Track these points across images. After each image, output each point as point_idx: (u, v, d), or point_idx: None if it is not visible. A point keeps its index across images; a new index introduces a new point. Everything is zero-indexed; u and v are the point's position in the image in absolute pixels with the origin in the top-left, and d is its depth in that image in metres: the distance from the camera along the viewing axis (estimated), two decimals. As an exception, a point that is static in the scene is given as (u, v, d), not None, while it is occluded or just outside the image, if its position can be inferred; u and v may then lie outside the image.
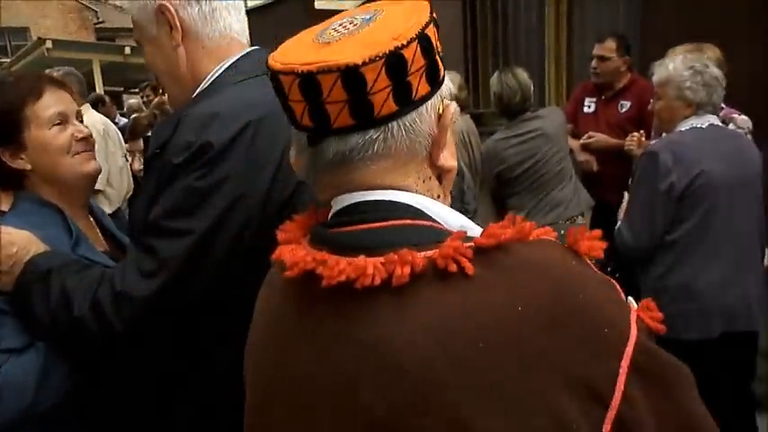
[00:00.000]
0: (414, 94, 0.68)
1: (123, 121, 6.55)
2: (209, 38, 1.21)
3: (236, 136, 1.07)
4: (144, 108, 7.33)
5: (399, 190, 0.71)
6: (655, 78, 2.38)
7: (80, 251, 1.27)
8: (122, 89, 14.24)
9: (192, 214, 1.06)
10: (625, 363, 0.59)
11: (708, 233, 2.22)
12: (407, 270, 0.62)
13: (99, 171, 1.39)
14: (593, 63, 3.65)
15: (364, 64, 0.64)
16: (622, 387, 0.59)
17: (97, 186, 2.22)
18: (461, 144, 3.68)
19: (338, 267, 0.65)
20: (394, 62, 0.65)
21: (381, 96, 0.66)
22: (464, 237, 0.64)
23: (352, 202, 0.72)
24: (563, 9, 5.07)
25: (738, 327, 2.29)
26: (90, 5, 22.81)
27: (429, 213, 0.71)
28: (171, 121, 1.14)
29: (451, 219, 0.72)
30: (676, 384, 0.62)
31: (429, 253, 0.63)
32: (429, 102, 0.70)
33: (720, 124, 2.33)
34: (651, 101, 2.77)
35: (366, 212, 0.70)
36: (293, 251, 0.71)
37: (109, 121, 4.61)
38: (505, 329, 0.59)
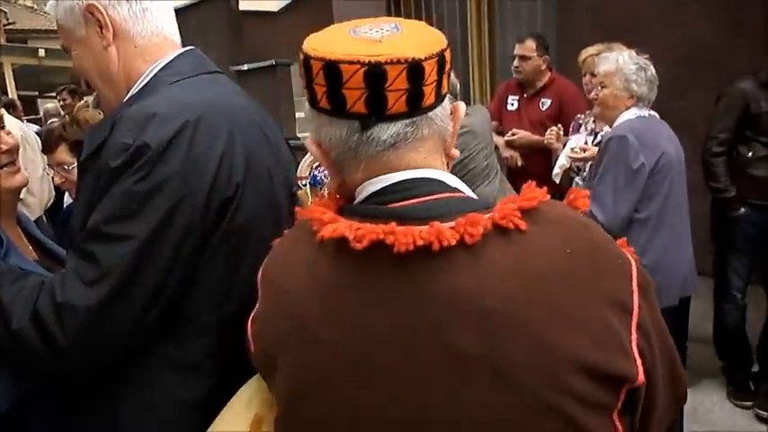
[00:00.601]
0: (443, 89, 0.83)
1: (35, 127, 6.27)
2: (141, 36, 1.19)
3: (174, 136, 1.04)
4: (61, 112, 7.06)
5: (435, 170, 0.85)
6: (601, 68, 2.55)
7: (11, 261, 1.22)
8: (37, 93, 13.62)
9: (132, 219, 1.02)
10: (634, 282, 0.78)
11: (669, 208, 2.44)
12: (480, 230, 0.75)
13: (25, 183, 1.33)
14: (516, 62, 3.78)
15: (426, 59, 0.78)
16: (637, 299, 0.78)
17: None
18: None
19: (412, 234, 0.75)
20: (441, 60, 0.80)
21: (430, 89, 0.80)
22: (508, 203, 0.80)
23: (399, 179, 0.83)
24: (484, 9, 5.20)
25: (687, 291, 2.56)
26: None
27: (461, 189, 0.85)
28: (105, 124, 1.11)
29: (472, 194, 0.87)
30: (654, 296, 0.82)
31: (487, 216, 0.77)
32: (447, 101, 0.85)
33: (653, 113, 2.57)
34: (590, 91, 2.96)
35: (414, 188, 0.82)
36: (348, 227, 0.78)
37: (25, 126, 4.40)
38: (561, 268, 0.75)
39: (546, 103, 3.74)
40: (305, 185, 1.67)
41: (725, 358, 3.28)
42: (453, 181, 0.85)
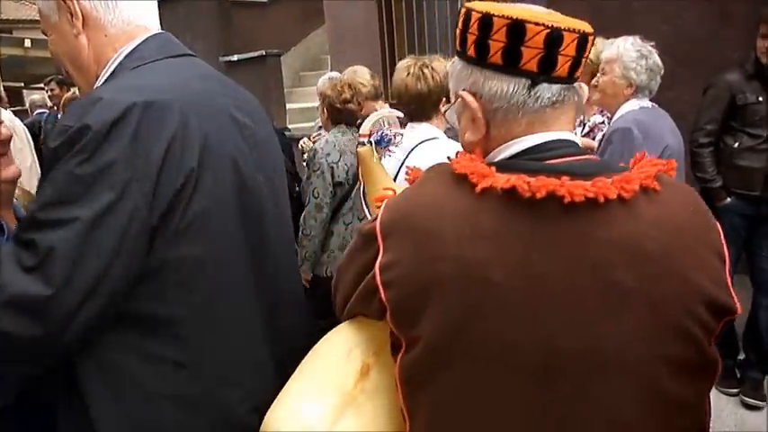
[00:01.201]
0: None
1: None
2: (111, 25, 1.18)
3: (118, 119, 1.00)
4: (49, 103, 6.99)
5: (573, 134, 1.00)
6: (604, 54, 2.52)
7: None
8: (23, 84, 13.48)
9: (75, 202, 0.97)
10: (722, 237, 0.97)
11: None
12: (636, 186, 0.90)
13: (20, 174, 1.29)
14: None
15: (591, 35, 0.93)
16: (726, 251, 0.96)
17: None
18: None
19: (582, 187, 0.88)
20: (591, 41, 0.94)
21: (582, 62, 0.95)
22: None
23: (554, 138, 0.97)
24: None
25: None
26: (-16, -5, 21.37)
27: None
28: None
29: None
30: None
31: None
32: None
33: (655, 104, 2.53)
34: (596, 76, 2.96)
35: (565, 148, 0.96)
36: (519, 179, 0.89)
37: (14, 116, 4.37)
38: (689, 222, 0.94)
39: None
40: (368, 143, 1.70)
41: (712, 347, 3.33)
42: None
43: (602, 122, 3.00)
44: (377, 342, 1.05)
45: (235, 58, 7.84)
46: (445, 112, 1.22)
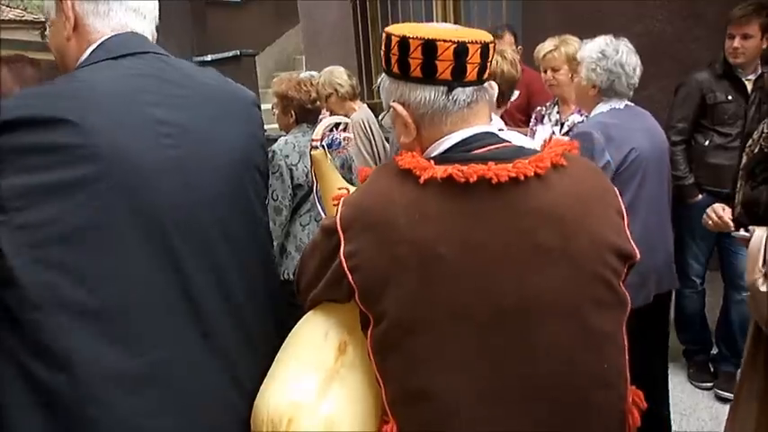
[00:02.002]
0: (488, 70, 1.16)
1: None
2: (97, 32, 1.21)
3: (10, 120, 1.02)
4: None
5: (490, 126, 1.18)
6: (578, 55, 2.52)
7: None
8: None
9: None
10: (619, 198, 1.19)
11: (640, 206, 2.33)
12: (548, 164, 1.10)
13: None
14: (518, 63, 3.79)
15: (490, 43, 1.12)
16: (624, 208, 1.19)
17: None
18: (363, 133, 3.72)
19: (505, 169, 1.06)
20: (492, 48, 1.13)
21: (488, 66, 1.14)
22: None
23: (478, 132, 1.15)
24: (449, 8, 5.20)
25: (664, 287, 2.49)
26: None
27: (507, 139, 1.18)
28: None
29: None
30: None
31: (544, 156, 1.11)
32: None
33: (632, 104, 2.47)
34: (552, 86, 3.04)
35: (485, 139, 1.14)
36: (454, 168, 1.07)
37: None
38: (593, 189, 1.15)
39: (515, 94, 3.77)
40: (321, 146, 1.85)
41: (685, 342, 3.40)
42: (500, 135, 1.18)
43: (581, 121, 3.02)
44: (348, 322, 1.20)
45: (208, 58, 7.77)
46: (381, 119, 1.49)
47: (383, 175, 1.17)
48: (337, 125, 2.73)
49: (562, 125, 3.14)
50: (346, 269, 1.11)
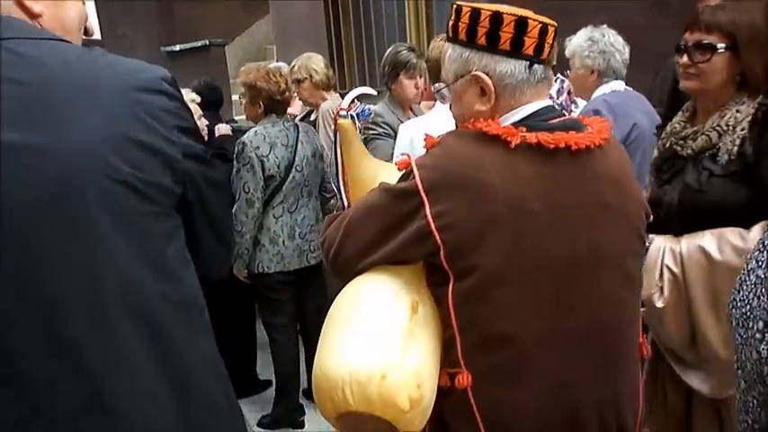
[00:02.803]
0: None
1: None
2: None
3: None
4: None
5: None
6: (566, 52, 2.63)
7: None
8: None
9: None
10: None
11: (641, 181, 2.37)
12: (606, 136, 1.29)
13: None
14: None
15: (557, 28, 1.26)
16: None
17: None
18: (329, 123, 3.70)
19: (582, 138, 1.22)
20: (554, 31, 1.26)
21: (553, 48, 1.28)
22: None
23: (546, 105, 1.30)
24: (422, 8, 5.13)
25: None
26: None
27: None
28: None
29: None
30: None
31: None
32: None
33: (630, 88, 2.60)
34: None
35: (554, 111, 1.30)
36: (541, 135, 1.20)
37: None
38: (624, 157, 1.38)
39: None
40: (348, 116, 1.87)
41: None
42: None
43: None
44: (414, 282, 1.29)
45: (177, 48, 7.64)
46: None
47: (463, 140, 1.26)
48: (361, 96, 2.61)
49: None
50: (434, 228, 1.19)
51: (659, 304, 1.66)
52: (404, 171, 1.27)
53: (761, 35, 1.55)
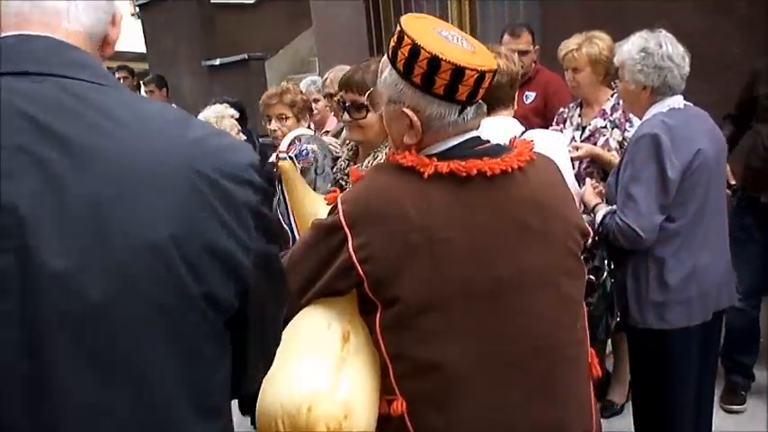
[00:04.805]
0: None
1: None
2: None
3: None
4: None
5: (478, 132, 1.33)
6: (614, 60, 2.32)
7: None
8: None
9: None
10: (569, 183, 1.53)
11: (706, 214, 2.18)
12: (526, 159, 1.29)
13: None
14: (516, 58, 3.59)
15: (491, 71, 1.24)
16: (577, 195, 1.89)
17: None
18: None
19: (496, 163, 1.24)
20: (490, 76, 1.25)
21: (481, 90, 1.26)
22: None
23: (471, 137, 1.30)
24: (465, 8, 5.03)
25: (723, 304, 2.32)
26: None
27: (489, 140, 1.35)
28: None
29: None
30: None
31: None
32: None
33: (690, 104, 2.28)
34: (574, 88, 2.93)
35: (477, 141, 1.31)
36: (454, 163, 1.23)
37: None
38: (557, 181, 1.39)
39: (530, 96, 3.57)
40: (286, 157, 1.96)
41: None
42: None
43: (604, 126, 2.85)
44: (347, 312, 1.31)
45: (217, 62, 7.66)
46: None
47: (382, 173, 1.31)
48: (299, 137, 2.92)
49: (583, 129, 2.94)
50: (356, 261, 1.22)
51: None
52: (331, 206, 1.30)
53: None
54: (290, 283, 1.13)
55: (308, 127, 3.24)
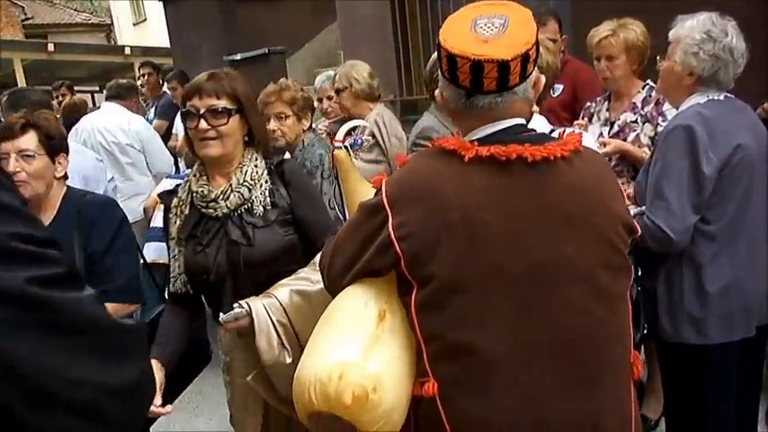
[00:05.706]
0: (527, 72, 1.27)
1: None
2: None
3: None
4: (57, 107, 6.82)
5: (521, 119, 1.33)
6: (669, 34, 2.06)
7: None
8: (51, 88, 13.58)
9: None
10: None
11: (747, 216, 1.97)
12: (571, 148, 1.28)
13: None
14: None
15: (512, 60, 1.21)
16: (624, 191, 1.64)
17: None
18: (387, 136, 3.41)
19: (538, 150, 1.24)
20: (525, 57, 1.23)
21: (515, 75, 1.24)
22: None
23: (516, 123, 1.30)
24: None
25: (766, 319, 2.07)
26: (17, 1, 21.44)
27: (534, 129, 1.35)
28: None
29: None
30: None
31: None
32: (532, 76, 1.29)
33: (731, 95, 2.05)
34: (606, 78, 2.65)
35: (517, 128, 1.30)
36: (495, 148, 1.24)
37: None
38: (605, 172, 1.39)
39: (557, 88, 3.35)
40: (343, 147, 1.91)
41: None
42: (530, 125, 1.34)
43: (635, 121, 2.64)
44: (385, 293, 1.35)
45: (238, 56, 7.59)
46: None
47: (424, 157, 1.36)
48: (354, 128, 2.88)
49: (612, 125, 2.73)
50: (394, 239, 1.26)
51: (288, 360, 1.66)
52: (377, 189, 1.36)
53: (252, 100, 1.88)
54: (335, 263, 1.40)
55: (310, 125, 3.04)
